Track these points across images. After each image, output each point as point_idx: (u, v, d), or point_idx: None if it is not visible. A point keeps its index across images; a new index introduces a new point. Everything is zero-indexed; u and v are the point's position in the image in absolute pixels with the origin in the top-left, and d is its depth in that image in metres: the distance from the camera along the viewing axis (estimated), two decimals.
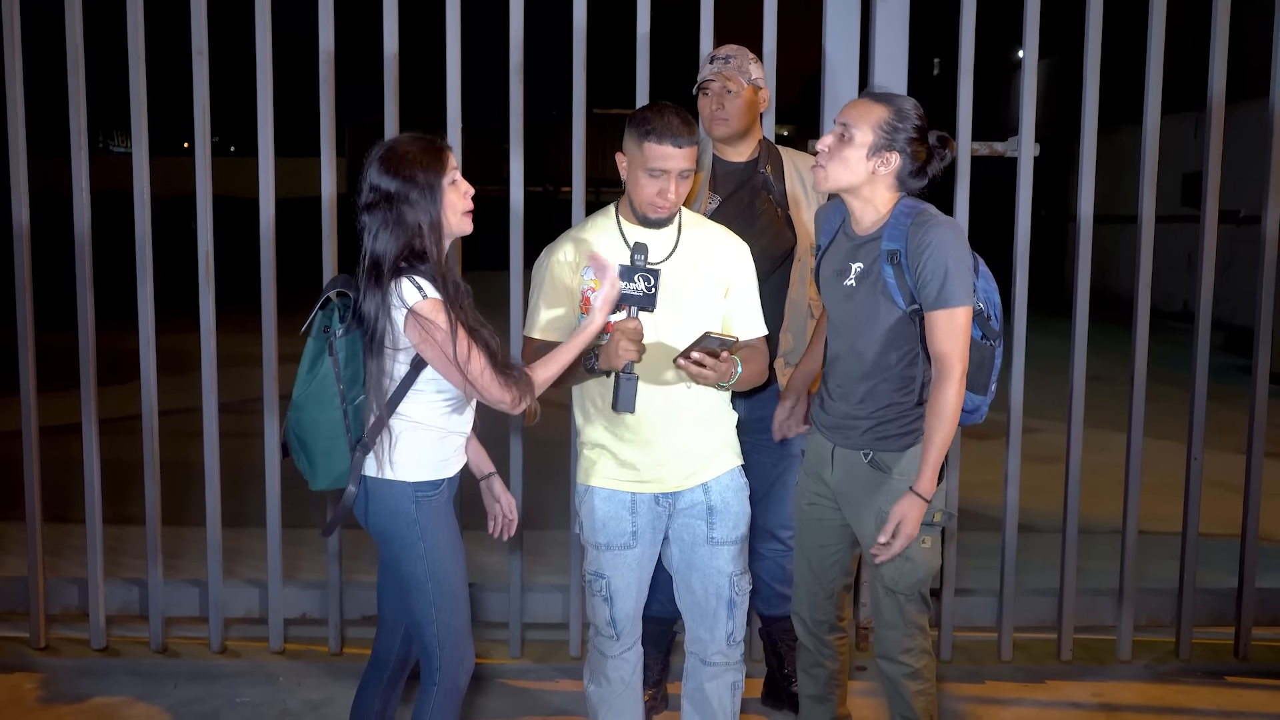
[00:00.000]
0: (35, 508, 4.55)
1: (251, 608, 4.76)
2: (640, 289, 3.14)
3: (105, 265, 4.62)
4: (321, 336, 3.06)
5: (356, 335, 3.03)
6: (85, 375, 4.49)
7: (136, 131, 4.41)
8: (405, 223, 2.98)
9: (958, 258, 3.11)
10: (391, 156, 3.01)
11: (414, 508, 3.09)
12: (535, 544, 5.09)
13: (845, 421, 3.31)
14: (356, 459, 3.08)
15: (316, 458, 3.08)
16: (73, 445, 4.61)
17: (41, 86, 4.77)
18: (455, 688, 3.17)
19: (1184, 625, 4.65)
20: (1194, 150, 5.80)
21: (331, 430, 3.05)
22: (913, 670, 3.36)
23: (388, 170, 2.99)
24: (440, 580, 3.11)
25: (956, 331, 3.11)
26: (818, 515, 3.45)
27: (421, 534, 3.10)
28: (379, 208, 2.98)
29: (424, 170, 2.99)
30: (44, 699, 4.29)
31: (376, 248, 2.98)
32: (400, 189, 2.97)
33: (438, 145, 3.06)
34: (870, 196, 3.21)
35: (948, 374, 3.11)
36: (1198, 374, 4.56)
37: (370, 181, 3.00)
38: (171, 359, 4.98)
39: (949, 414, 3.13)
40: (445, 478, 3.15)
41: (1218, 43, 4.45)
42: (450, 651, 3.14)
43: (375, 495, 3.11)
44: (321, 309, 3.08)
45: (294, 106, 5.75)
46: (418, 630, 3.16)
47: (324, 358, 3.04)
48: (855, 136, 3.16)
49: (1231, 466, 4.91)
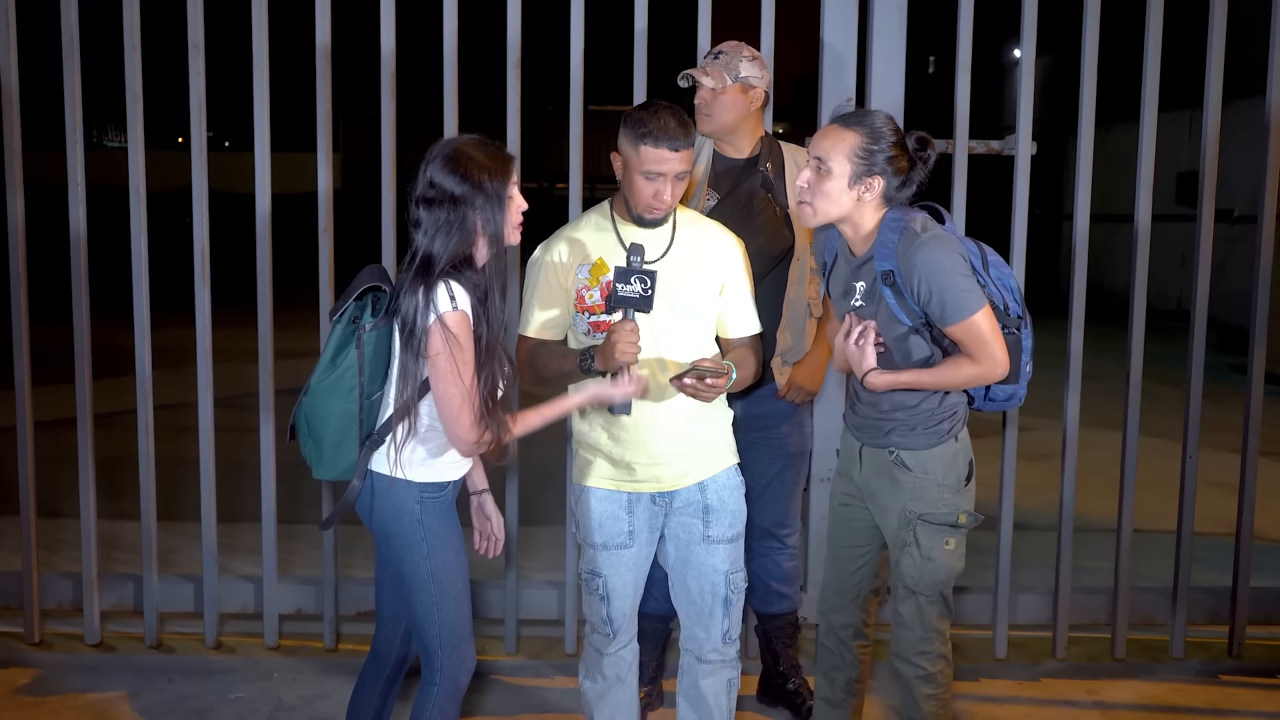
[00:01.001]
0: (29, 502, 4.54)
1: (246, 603, 4.75)
2: (637, 291, 3.13)
3: (100, 260, 4.61)
4: (350, 327, 3.04)
5: (384, 330, 3.02)
6: (80, 370, 4.48)
7: (132, 126, 4.40)
8: (465, 227, 2.96)
9: (949, 271, 3.09)
10: (459, 158, 2.97)
11: (419, 508, 3.08)
12: (531, 540, 5.09)
13: (871, 421, 3.32)
14: (364, 454, 3.08)
15: (325, 448, 3.07)
16: (67, 440, 4.60)
17: (36, 80, 4.75)
18: (456, 688, 3.16)
19: (1179, 624, 4.66)
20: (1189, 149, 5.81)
21: (344, 422, 3.05)
22: (926, 674, 3.35)
23: (454, 171, 2.95)
24: (442, 580, 3.10)
25: (979, 338, 3.10)
26: (848, 515, 3.44)
27: (425, 534, 3.08)
28: (440, 206, 2.95)
29: (492, 178, 2.97)
30: (38, 695, 4.28)
31: (432, 247, 2.95)
32: (468, 193, 2.95)
33: (506, 154, 3.04)
34: (859, 221, 3.20)
35: (989, 369, 3.12)
36: (1193, 373, 4.57)
37: (432, 178, 2.97)
38: (167, 354, 4.98)
39: (959, 373, 3.13)
40: (451, 480, 3.14)
41: (1214, 41, 4.45)
42: (452, 651, 3.14)
43: (381, 493, 3.09)
44: (356, 300, 3.06)
45: (290, 101, 5.74)
46: (419, 630, 3.15)
47: (349, 349, 3.02)
48: (833, 169, 3.14)
49: (1226, 465, 4.92)
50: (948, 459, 3.23)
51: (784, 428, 4.01)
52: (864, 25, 4.52)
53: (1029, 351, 3.30)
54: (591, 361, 3.21)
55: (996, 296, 3.19)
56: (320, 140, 4.39)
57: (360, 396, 3.03)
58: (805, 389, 3.98)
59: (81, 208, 4.44)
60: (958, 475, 3.26)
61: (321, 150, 4.42)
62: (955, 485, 3.26)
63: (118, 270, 4.65)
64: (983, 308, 3.10)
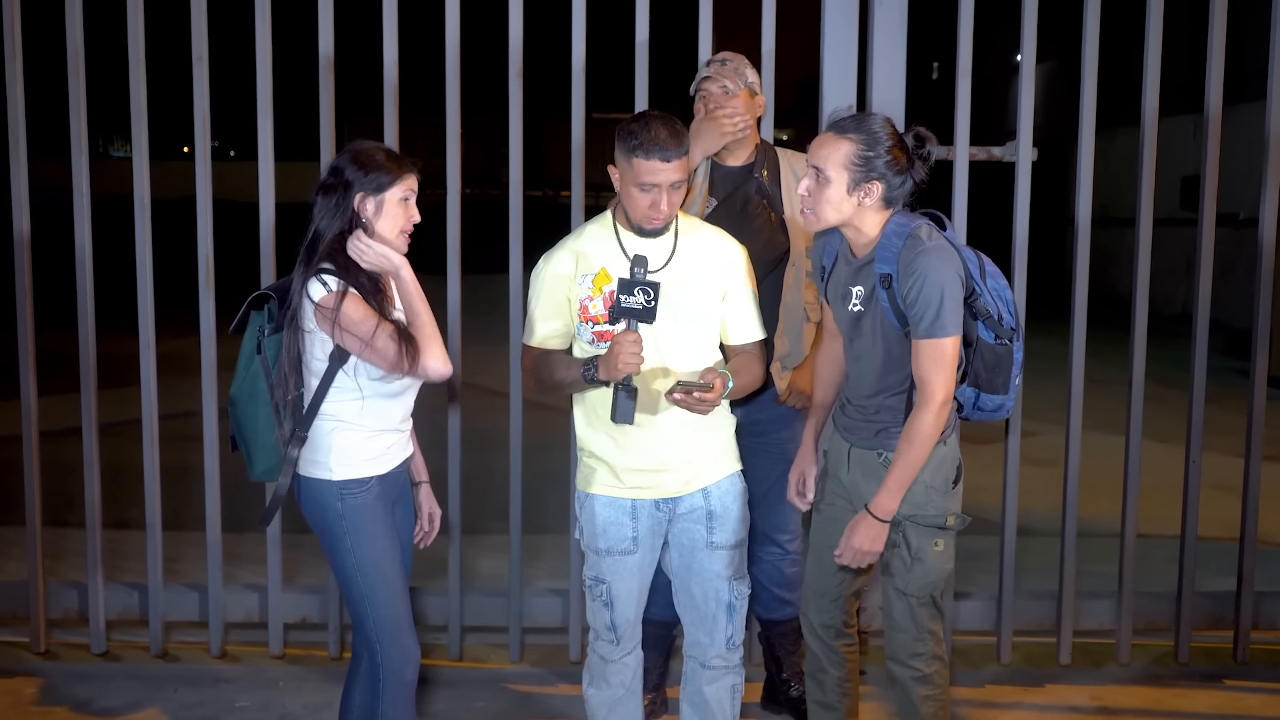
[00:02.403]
0: (35, 512, 4.56)
1: (251, 612, 4.76)
2: (640, 302, 3.14)
3: (105, 269, 4.62)
4: (255, 335, 3.21)
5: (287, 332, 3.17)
6: (85, 379, 4.50)
7: (137, 136, 4.42)
8: (347, 209, 3.14)
9: (945, 286, 3.10)
10: (362, 153, 3.17)
11: (340, 504, 3.18)
12: (535, 548, 5.10)
13: (860, 424, 3.34)
14: (288, 454, 3.20)
15: (254, 451, 3.27)
16: (73, 449, 4.62)
17: (42, 91, 4.77)
18: (401, 681, 3.24)
19: (1183, 628, 4.65)
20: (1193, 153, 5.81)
21: (267, 424, 3.22)
22: (922, 675, 3.35)
23: (352, 161, 3.15)
24: (369, 574, 3.19)
25: (940, 361, 3.12)
26: (833, 516, 3.45)
27: (348, 529, 3.19)
28: (332, 192, 3.14)
29: (382, 173, 3.14)
30: (44, 704, 4.29)
31: (319, 226, 3.15)
32: (356, 179, 3.13)
33: (408, 162, 3.20)
34: (861, 225, 3.21)
35: (927, 401, 3.14)
36: (1196, 376, 4.56)
37: (335, 165, 3.17)
38: (171, 363, 4.99)
39: (920, 440, 3.15)
40: (374, 475, 3.22)
41: (1215, 46, 4.45)
42: (390, 644, 3.22)
43: (305, 490, 3.23)
44: (255, 309, 3.23)
45: (294, 111, 5.76)
46: (358, 625, 3.26)
47: (256, 355, 3.20)
48: (831, 178, 3.16)
49: (1230, 469, 4.91)
50: (935, 461, 3.24)
51: (784, 433, 4.01)
52: (865, 31, 4.53)
53: (1019, 365, 3.31)
54: (594, 371, 3.21)
55: (991, 306, 3.20)
56: (324, 149, 4.41)
57: (273, 399, 3.18)
58: (805, 394, 3.98)
59: (87, 217, 4.46)
60: (945, 477, 3.27)
61: (325, 159, 4.42)
62: (943, 487, 3.27)
63: (123, 279, 4.66)
64: (956, 336, 3.14)
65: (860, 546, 3.22)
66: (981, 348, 3.22)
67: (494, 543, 5.21)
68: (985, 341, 3.22)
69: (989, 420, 3.35)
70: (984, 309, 3.19)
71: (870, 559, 3.25)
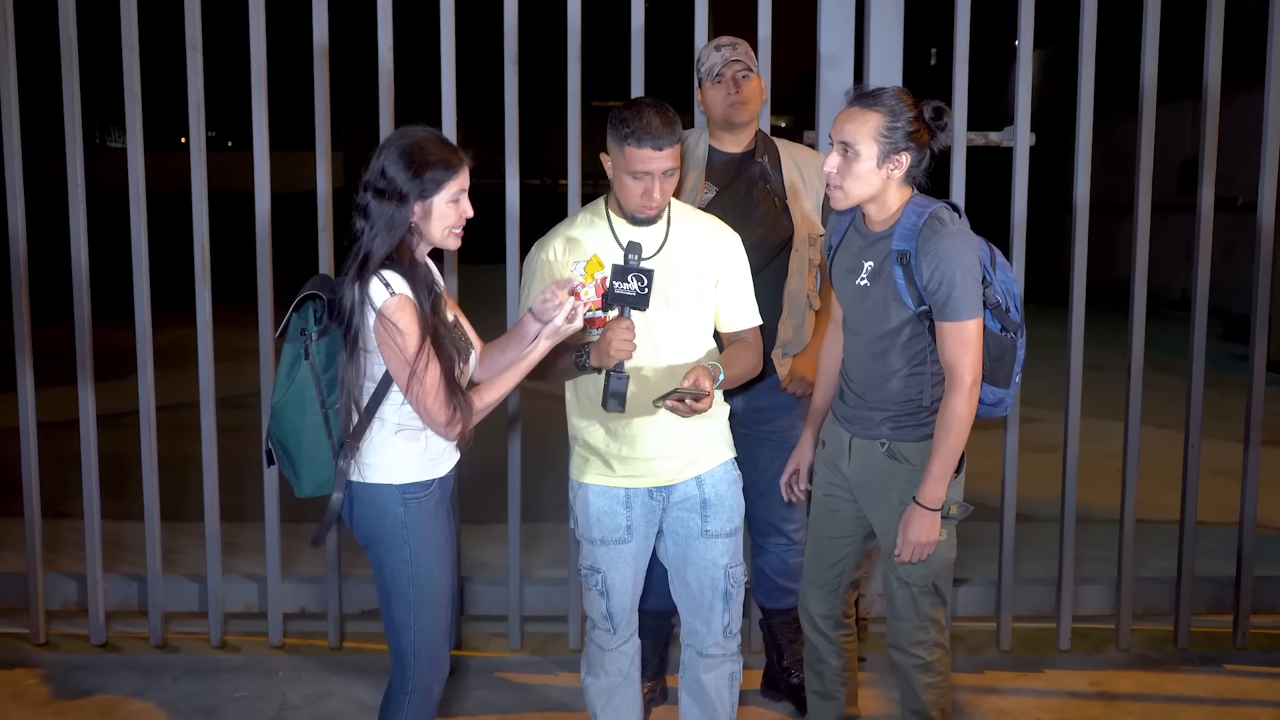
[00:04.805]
0: (34, 503, 4.56)
1: (250, 602, 4.76)
2: (633, 289, 3.13)
3: (101, 260, 4.61)
4: (298, 339, 2.99)
5: (334, 336, 2.97)
6: (82, 370, 4.49)
7: (131, 126, 4.40)
8: (403, 223, 2.93)
9: (966, 269, 3.10)
10: (415, 152, 2.94)
11: (402, 510, 3.02)
12: (534, 536, 5.10)
13: (862, 413, 3.31)
14: (341, 465, 3.01)
15: (301, 465, 3.01)
16: (71, 440, 4.61)
17: (36, 81, 4.76)
18: (429, 697, 3.11)
19: (1182, 613, 4.66)
20: (1192, 138, 5.79)
21: (314, 435, 2.99)
22: (924, 663, 3.35)
23: (408, 166, 2.92)
24: (423, 586, 3.05)
25: (966, 343, 3.11)
26: (833, 506, 3.44)
27: (409, 537, 3.03)
28: (388, 200, 2.92)
29: (432, 171, 2.93)
30: (44, 695, 4.29)
31: (373, 244, 2.91)
32: (414, 190, 2.92)
33: (460, 155, 3.00)
34: (885, 198, 3.19)
35: (957, 385, 3.12)
36: (1195, 362, 4.56)
37: (385, 168, 2.93)
38: (168, 353, 4.98)
39: (956, 425, 3.13)
40: (436, 477, 3.08)
41: (1212, 29, 4.44)
42: (425, 659, 3.08)
43: (361, 499, 3.04)
44: (296, 311, 3.01)
45: (289, 100, 5.74)
46: (394, 635, 3.09)
47: (301, 361, 2.98)
48: (861, 151, 3.13)
49: (1229, 454, 4.91)
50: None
51: (785, 420, 4.01)
52: (862, 17, 4.51)
53: (1021, 361, 3.31)
54: (587, 358, 3.21)
55: (1000, 297, 3.20)
56: (319, 139, 4.39)
57: (322, 407, 2.98)
58: (807, 380, 3.96)
59: (81, 208, 4.44)
60: None
61: (320, 149, 4.42)
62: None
63: (119, 270, 4.66)
64: (979, 318, 3.13)
65: (917, 539, 3.19)
66: (987, 337, 3.21)
67: (493, 532, 5.21)
68: (991, 331, 3.21)
69: (986, 417, 3.33)
70: (993, 298, 3.19)
71: (929, 550, 3.21)
